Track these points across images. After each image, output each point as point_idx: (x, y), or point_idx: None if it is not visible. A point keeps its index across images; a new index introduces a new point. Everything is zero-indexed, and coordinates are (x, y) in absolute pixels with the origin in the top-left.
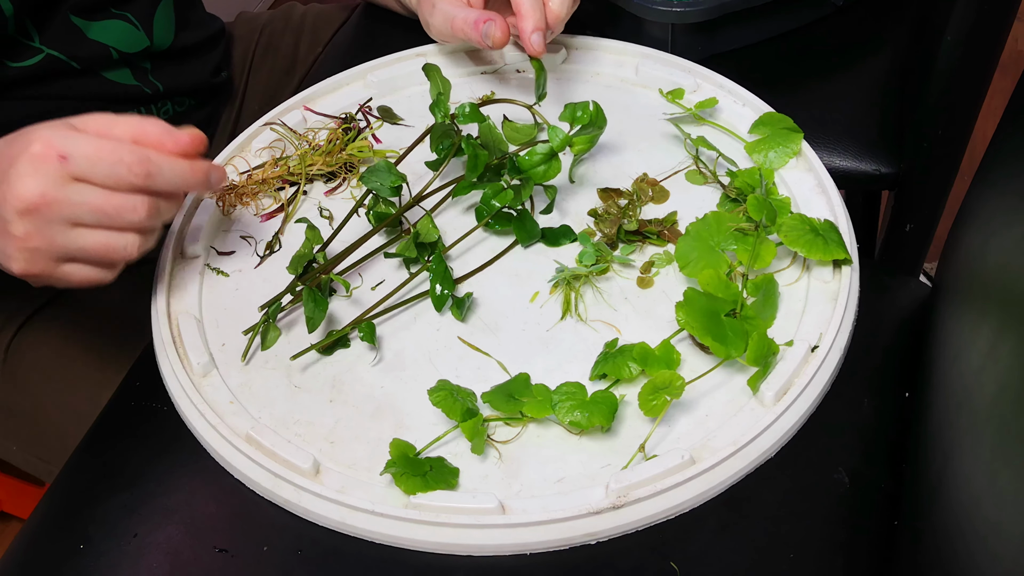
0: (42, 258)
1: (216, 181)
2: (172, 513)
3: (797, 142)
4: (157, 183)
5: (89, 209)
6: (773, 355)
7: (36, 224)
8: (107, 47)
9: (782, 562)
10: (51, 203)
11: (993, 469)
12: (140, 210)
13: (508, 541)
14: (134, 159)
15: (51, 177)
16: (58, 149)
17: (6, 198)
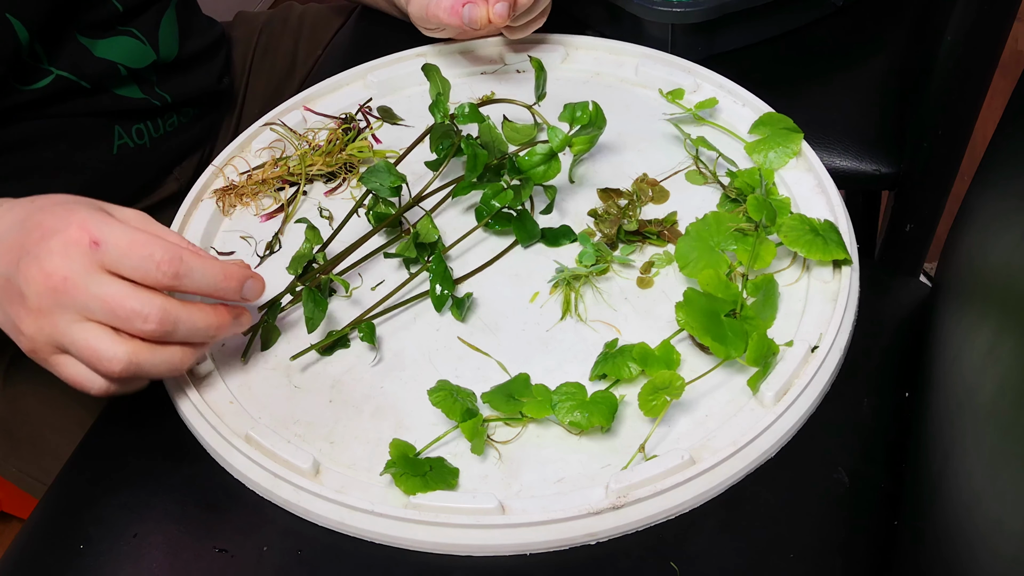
0: (44, 341)
1: (252, 292)
2: (172, 513)
3: (797, 142)
4: (185, 284)
5: (102, 304)
6: (773, 355)
7: (50, 304)
8: (115, 64)
9: (782, 562)
10: (71, 289)
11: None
12: (151, 320)
13: (508, 541)
14: (165, 256)
15: (79, 262)
16: (93, 234)
17: (31, 273)
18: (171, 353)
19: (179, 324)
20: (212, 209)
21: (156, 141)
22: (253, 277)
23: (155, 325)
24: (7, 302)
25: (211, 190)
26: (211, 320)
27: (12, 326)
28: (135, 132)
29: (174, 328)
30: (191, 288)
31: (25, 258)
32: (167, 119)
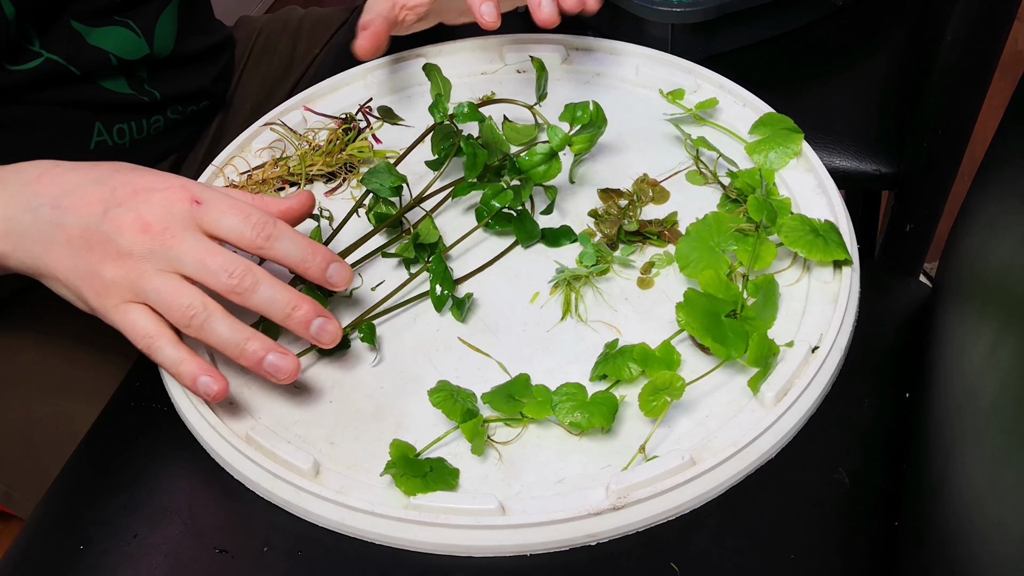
0: (124, 286)
1: (338, 276)
2: (172, 513)
3: (797, 142)
4: (276, 248)
5: (194, 256)
6: (773, 356)
7: (143, 251)
8: (107, 53)
9: (782, 562)
10: (168, 239)
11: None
12: (236, 274)
13: (508, 542)
14: (261, 218)
15: (180, 217)
16: (195, 194)
17: (126, 220)
18: (240, 326)
19: (260, 284)
20: None
21: (136, 143)
22: (340, 262)
23: (238, 279)
24: (83, 250)
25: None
26: (292, 296)
27: (86, 272)
28: (116, 131)
29: (254, 286)
30: (281, 253)
31: (117, 208)
32: (152, 120)
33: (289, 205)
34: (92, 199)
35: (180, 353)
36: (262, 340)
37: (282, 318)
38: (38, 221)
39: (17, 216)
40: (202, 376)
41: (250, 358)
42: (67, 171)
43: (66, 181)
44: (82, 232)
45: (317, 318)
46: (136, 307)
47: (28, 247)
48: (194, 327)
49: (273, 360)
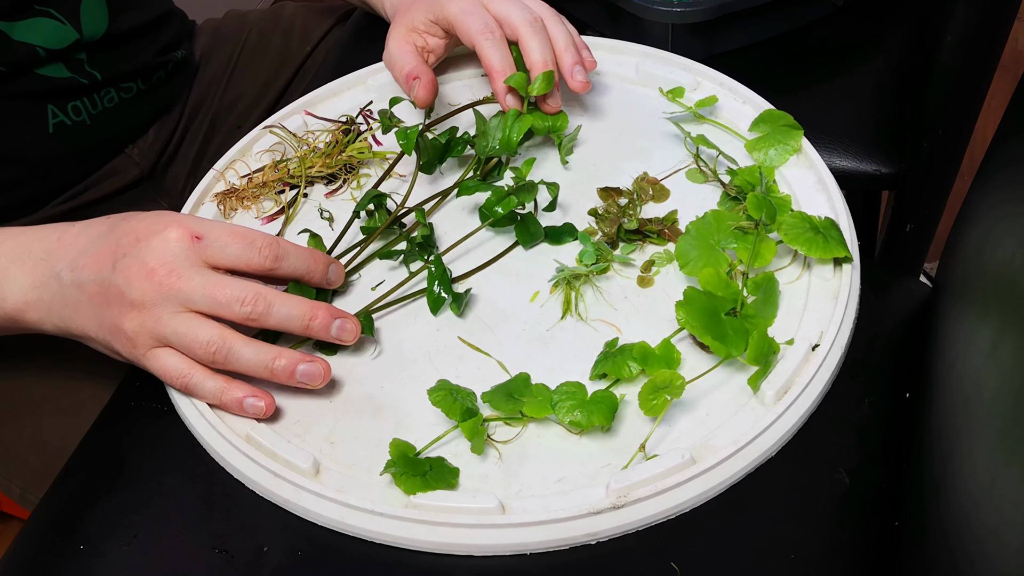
0: (146, 335)
1: (336, 275)
2: (172, 513)
3: (797, 139)
4: (283, 266)
5: (203, 293)
6: (774, 354)
7: (154, 298)
8: (33, 47)
9: (782, 562)
10: (175, 280)
11: (994, 469)
12: (248, 301)
13: (508, 541)
14: (264, 241)
15: (183, 256)
16: (193, 230)
17: (132, 271)
18: (265, 347)
19: (273, 306)
20: (213, 212)
21: (96, 117)
22: (335, 262)
23: (251, 306)
24: (104, 306)
25: (212, 194)
26: (306, 307)
27: (111, 327)
28: (71, 109)
29: (268, 309)
30: (288, 270)
31: (123, 259)
32: (104, 95)
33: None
34: (102, 255)
35: (218, 383)
36: (288, 355)
37: (302, 330)
38: (62, 286)
39: (44, 283)
40: (247, 399)
41: (281, 375)
42: (81, 231)
43: (80, 243)
44: (99, 289)
45: (335, 320)
46: (163, 351)
47: (58, 312)
48: (219, 361)
49: (305, 370)
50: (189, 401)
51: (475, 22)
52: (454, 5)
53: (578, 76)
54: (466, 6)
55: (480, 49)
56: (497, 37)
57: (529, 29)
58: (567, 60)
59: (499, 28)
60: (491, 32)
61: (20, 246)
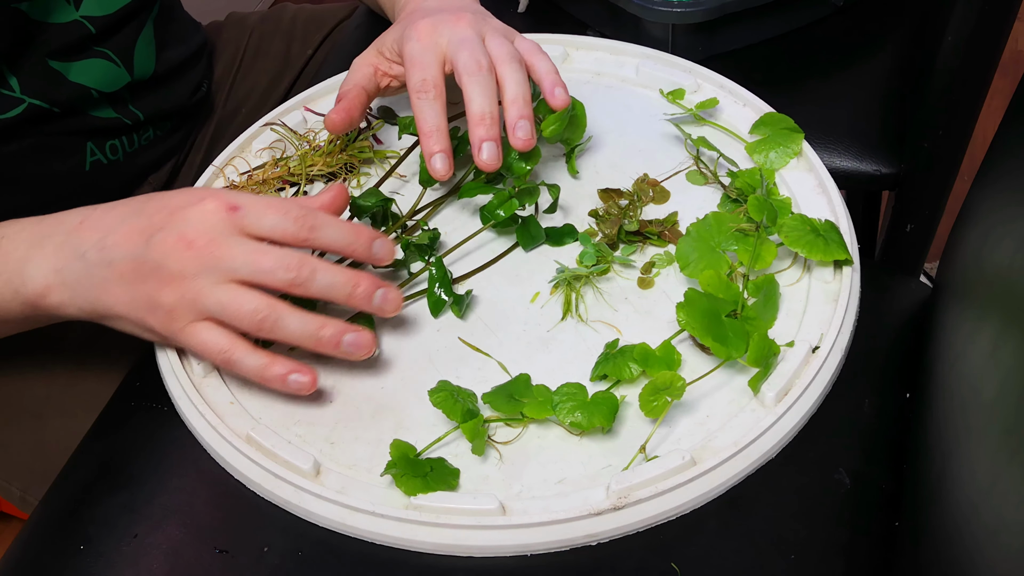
0: (186, 308)
1: (383, 251)
2: (172, 513)
3: (798, 142)
4: (320, 236)
5: (245, 260)
6: (774, 356)
7: (195, 269)
8: (88, 88)
9: (783, 563)
10: (215, 250)
11: (995, 470)
12: (292, 267)
13: (509, 542)
14: (300, 211)
15: (220, 226)
16: (229, 201)
17: (169, 243)
18: (311, 316)
19: (317, 272)
20: None
21: (130, 155)
22: (382, 238)
23: (295, 272)
24: (137, 282)
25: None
26: (349, 275)
27: (146, 303)
28: (109, 148)
29: (312, 275)
30: (325, 241)
31: (158, 234)
32: (142, 134)
33: (322, 202)
34: (133, 232)
35: (262, 359)
36: (334, 324)
37: (345, 298)
38: (88, 266)
39: (68, 266)
40: (291, 374)
41: (328, 344)
42: (106, 212)
43: (106, 222)
44: (132, 265)
45: (378, 289)
46: (202, 325)
47: (84, 293)
48: (266, 329)
49: (350, 339)
50: (189, 401)
51: (415, 75)
52: (410, 45)
53: (519, 133)
54: (417, 51)
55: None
56: (431, 97)
57: (471, 79)
58: (511, 114)
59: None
60: (425, 92)
61: (40, 232)
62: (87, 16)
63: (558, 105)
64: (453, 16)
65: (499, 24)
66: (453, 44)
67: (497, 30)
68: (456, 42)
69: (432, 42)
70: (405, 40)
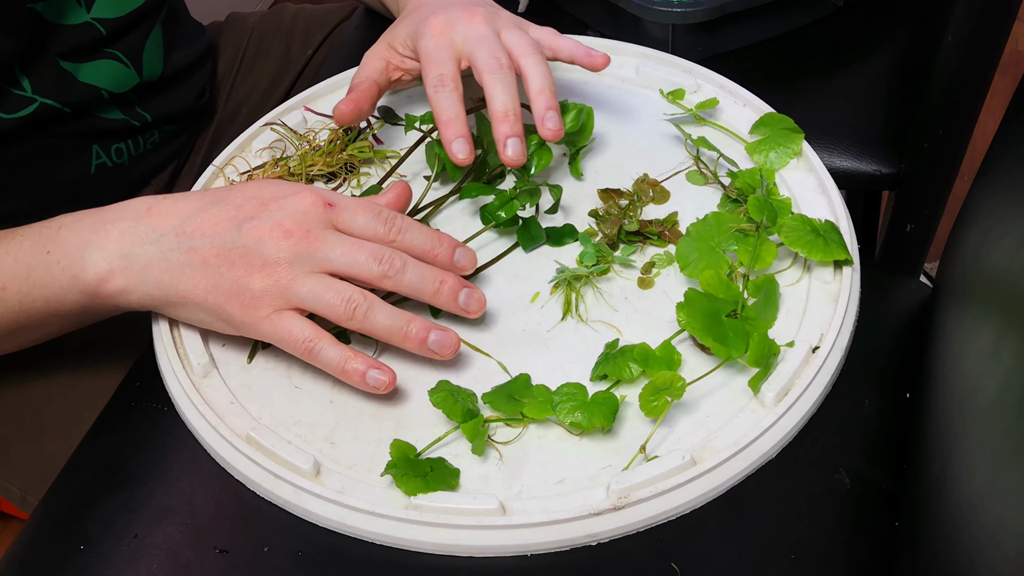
0: (276, 294)
1: (465, 259)
2: (172, 513)
3: (798, 143)
4: (406, 239)
5: (343, 251)
6: (774, 356)
7: (290, 256)
8: (98, 89)
9: (783, 563)
10: (313, 241)
11: (995, 470)
12: (385, 260)
13: (509, 542)
14: (389, 214)
15: (316, 218)
16: (326, 198)
17: (264, 230)
18: (401, 311)
19: (408, 265)
20: None
21: (134, 159)
22: (464, 247)
23: (388, 264)
24: (225, 266)
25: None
26: (437, 272)
27: (232, 288)
28: (114, 151)
29: (403, 268)
30: (410, 244)
31: (250, 221)
32: (148, 137)
33: (389, 200)
34: (219, 219)
35: (344, 352)
36: (422, 321)
37: (431, 295)
38: (163, 250)
39: (136, 251)
40: (370, 371)
41: (414, 340)
42: (177, 200)
43: (180, 209)
44: (218, 251)
45: (463, 289)
46: (288, 314)
47: (154, 278)
48: (357, 318)
49: (436, 338)
50: (189, 401)
51: (432, 71)
52: (425, 41)
53: (548, 124)
54: (433, 48)
55: (430, 100)
56: (449, 90)
57: (492, 77)
58: (539, 105)
59: (455, 79)
60: (443, 86)
61: (103, 218)
62: (98, 18)
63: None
64: (467, 12)
65: (511, 16)
66: (470, 42)
67: (511, 23)
68: (473, 40)
69: (447, 39)
70: (420, 36)
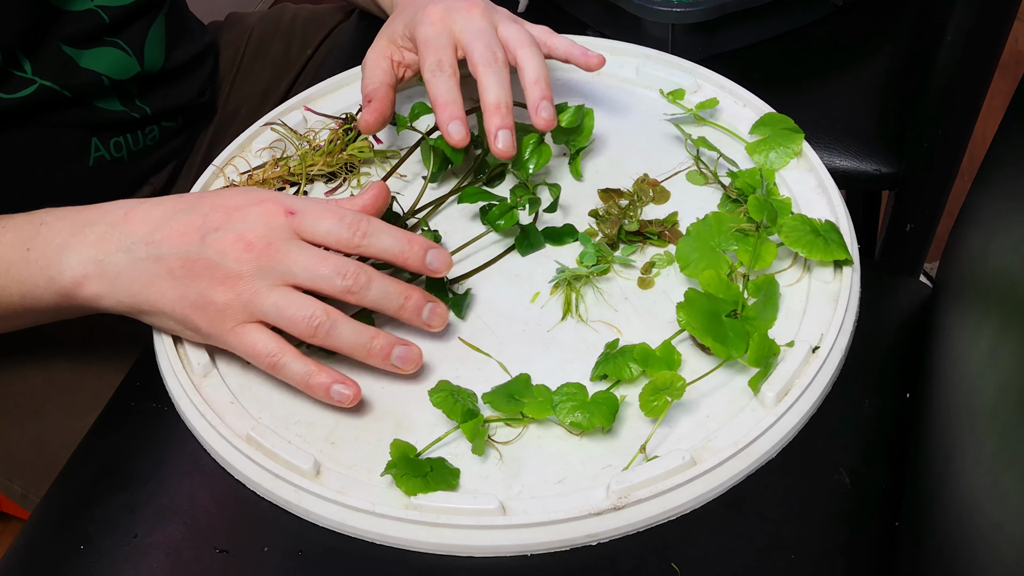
0: (239, 308)
1: (438, 261)
2: (172, 513)
3: (798, 142)
4: (373, 244)
5: (304, 265)
6: (774, 356)
7: (251, 270)
8: (99, 75)
9: (783, 563)
10: (274, 253)
11: (995, 471)
12: (349, 275)
13: (509, 542)
14: (354, 218)
15: (278, 229)
16: (287, 205)
17: (226, 242)
18: (364, 327)
19: (372, 281)
20: None
21: (134, 154)
22: (438, 248)
23: (352, 280)
24: (189, 279)
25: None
26: (402, 287)
27: (196, 300)
28: (113, 145)
29: (368, 284)
30: (379, 248)
31: (214, 233)
32: (147, 132)
33: (364, 202)
34: (186, 228)
35: (308, 366)
36: (385, 336)
37: (396, 310)
38: (134, 259)
39: (110, 257)
40: (334, 385)
41: (378, 356)
42: (152, 206)
43: (154, 216)
44: (183, 262)
45: (427, 303)
46: (252, 327)
47: (125, 286)
48: (320, 335)
49: (400, 353)
50: (189, 401)
51: (430, 56)
52: (423, 29)
53: (542, 113)
54: (431, 35)
55: (427, 85)
56: (447, 75)
57: (487, 70)
58: (533, 95)
59: (452, 66)
60: (441, 71)
61: (82, 220)
62: (102, 6)
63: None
64: (466, 4)
65: (508, 13)
66: (468, 33)
67: (508, 18)
68: (471, 32)
69: (446, 27)
70: (418, 24)
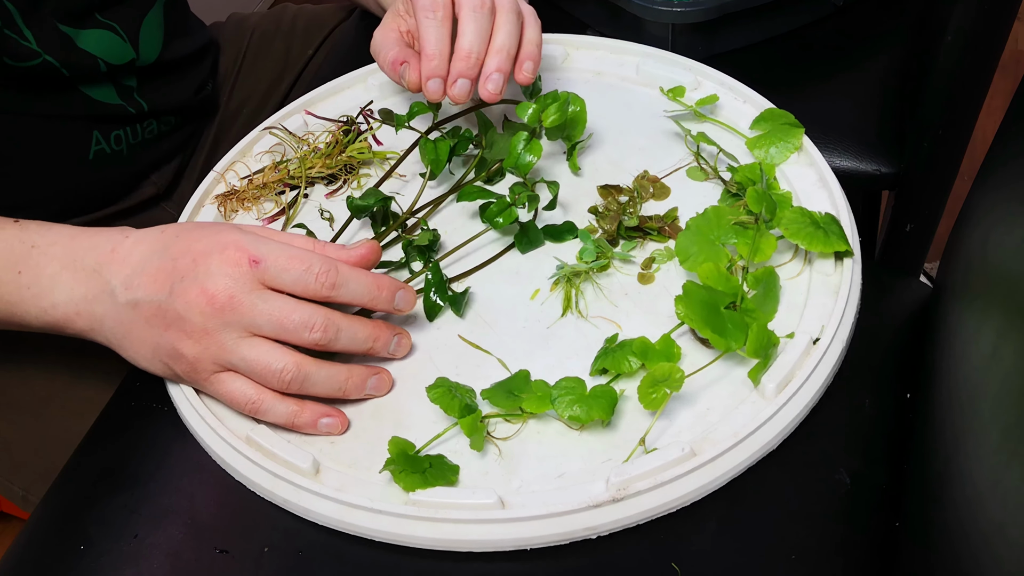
0: (209, 361)
1: (404, 302)
2: (172, 514)
3: (798, 137)
4: (342, 294)
5: (269, 318)
6: (773, 347)
7: (216, 324)
8: (95, 58)
9: (783, 562)
10: (237, 306)
11: (996, 470)
12: (317, 328)
13: (508, 536)
14: (322, 268)
15: (242, 280)
16: (251, 253)
17: (191, 295)
18: (336, 369)
19: (341, 331)
20: (214, 214)
21: (133, 147)
22: (405, 288)
23: (320, 333)
24: (162, 328)
25: (212, 196)
26: (369, 330)
27: (170, 351)
28: (113, 138)
29: (336, 335)
30: (347, 297)
31: (181, 282)
32: (146, 127)
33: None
34: (157, 274)
35: (290, 407)
36: (357, 372)
37: (365, 351)
38: (116, 304)
39: (97, 298)
40: (321, 419)
41: (354, 393)
42: (135, 244)
43: (134, 257)
44: (155, 311)
45: (393, 337)
46: (228, 375)
47: (110, 328)
48: (293, 388)
49: (373, 384)
50: (188, 401)
51: None
52: None
53: (489, 85)
54: None
55: (418, 27)
56: (440, 17)
57: (469, 15)
58: (490, 63)
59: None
60: (435, 11)
61: (73, 252)
62: None
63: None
64: None
65: None
66: None
67: None
68: None
69: None
70: None
